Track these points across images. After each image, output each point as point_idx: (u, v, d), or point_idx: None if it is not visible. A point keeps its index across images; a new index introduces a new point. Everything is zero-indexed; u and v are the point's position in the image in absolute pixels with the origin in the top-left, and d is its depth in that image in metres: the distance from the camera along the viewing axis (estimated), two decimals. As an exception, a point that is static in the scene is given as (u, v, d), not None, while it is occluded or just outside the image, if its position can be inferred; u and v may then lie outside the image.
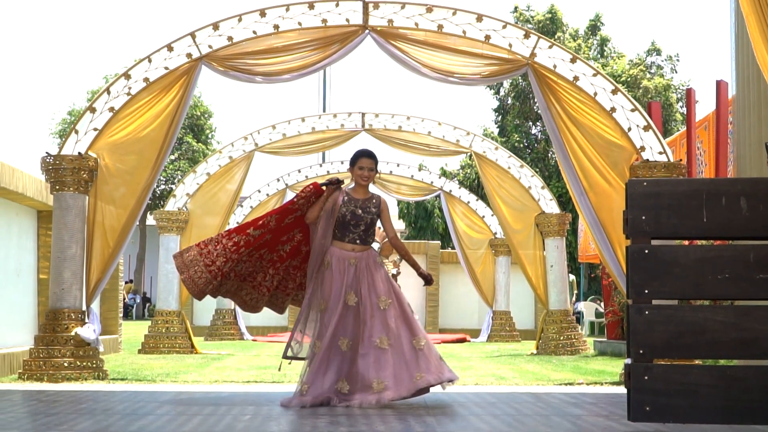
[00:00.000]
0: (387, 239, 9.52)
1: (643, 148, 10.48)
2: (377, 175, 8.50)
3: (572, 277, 25.18)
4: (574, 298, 26.49)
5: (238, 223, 21.19)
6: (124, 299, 39.95)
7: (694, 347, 5.75)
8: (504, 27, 10.93)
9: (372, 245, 8.23)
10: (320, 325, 7.85)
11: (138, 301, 45.89)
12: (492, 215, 21.46)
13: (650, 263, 5.76)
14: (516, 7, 43.31)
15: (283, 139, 17.62)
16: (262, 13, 10.93)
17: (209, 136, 48.78)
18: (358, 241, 8.06)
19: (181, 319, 16.55)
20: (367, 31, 10.93)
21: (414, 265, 8.30)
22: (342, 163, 21.10)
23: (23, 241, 12.48)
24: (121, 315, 16.90)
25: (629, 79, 40.22)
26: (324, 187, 8.16)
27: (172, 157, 45.41)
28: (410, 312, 8.00)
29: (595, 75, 10.78)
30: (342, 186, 8.22)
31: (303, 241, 8.34)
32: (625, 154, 10.56)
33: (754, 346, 5.67)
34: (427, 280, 8.29)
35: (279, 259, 8.38)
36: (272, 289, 8.51)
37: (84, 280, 10.75)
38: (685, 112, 33.18)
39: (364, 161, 8.15)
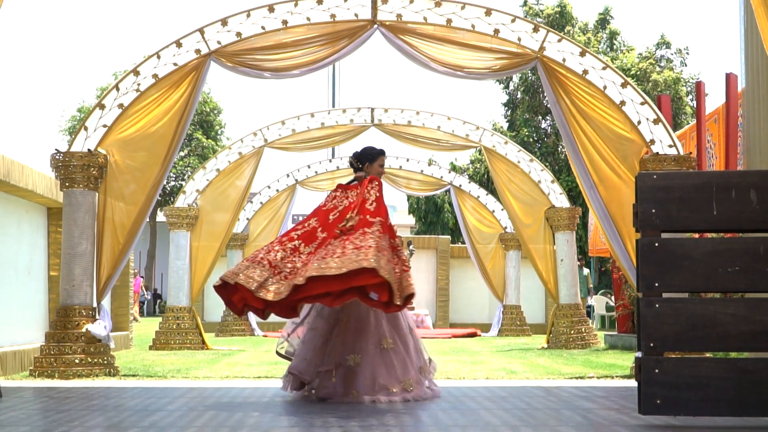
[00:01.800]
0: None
1: (652, 142, 10.46)
2: None
3: (586, 270, 25.10)
4: (590, 292, 26.36)
5: (248, 219, 21.28)
6: (144, 294, 39.98)
7: (705, 340, 5.75)
8: (513, 21, 10.91)
9: None
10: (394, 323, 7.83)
11: (149, 297, 45.98)
12: (502, 209, 21.45)
13: (660, 256, 5.76)
14: (525, 1, 43.21)
15: (292, 134, 17.62)
16: (271, 9, 10.93)
17: (219, 132, 48.84)
18: None
19: (191, 315, 16.58)
20: (375, 25, 10.92)
21: None
22: (352, 158, 21.07)
23: (33, 239, 12.50)
24: (133, 311, 16.93)
25: (639, 72, 40.12)
26: None
27: (182, 154, 45.52)
28: None
29: (604, 68, 10.76)
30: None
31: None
32: (635, 147, 10.53)
33: (764, 338, 5.67)
34: None
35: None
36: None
37: (94, 276, 10.76)
38: (694, 105, 33.10)
39: (383, 159, 8.37)
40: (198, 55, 11.00)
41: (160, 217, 45.52)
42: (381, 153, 8.33)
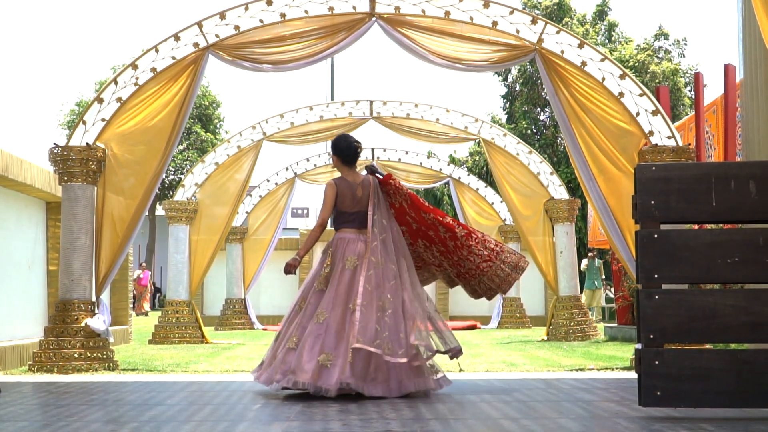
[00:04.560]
0: None
1: (651, 133, 10.46)
2: (337, 160, 8.20)
3: (599, 261, 25.04)
4: (603, 283, 26.25)
5: (247, 212, 21.28)
6: (158, 288, 39.86)
7: (705, 331, 5.75)
8: (511, 13, 10.90)
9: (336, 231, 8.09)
10: None
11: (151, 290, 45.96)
12: (501, 202, 21.46)
13: (660, 248, 5.76)
14: (523, -7, 43.19)
15: (291, 128, 17.62)
16: (269, 2, 10.92)
17: (217, 125, 48.84)
18: None
19: (191, 309, 16.58)
20: (374, 18, 10.91)
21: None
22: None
23: (32, 233, 12.49)
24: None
25: (637, 64, 40.06)
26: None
27: (181, 147, 45.50)
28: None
29: (602, 60, 10.75)
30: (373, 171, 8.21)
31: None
32: (634, 139, 10.53)
33: (764, 329, 5.67)
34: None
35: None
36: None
37: (93, 271, 10.76)
38: (693, 97, 33.05)
39: None
40: (196, 48, 11.00)
41: (159, 210, 45.53)
42: None
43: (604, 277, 26.00)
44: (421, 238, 8.21)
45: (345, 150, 8.11)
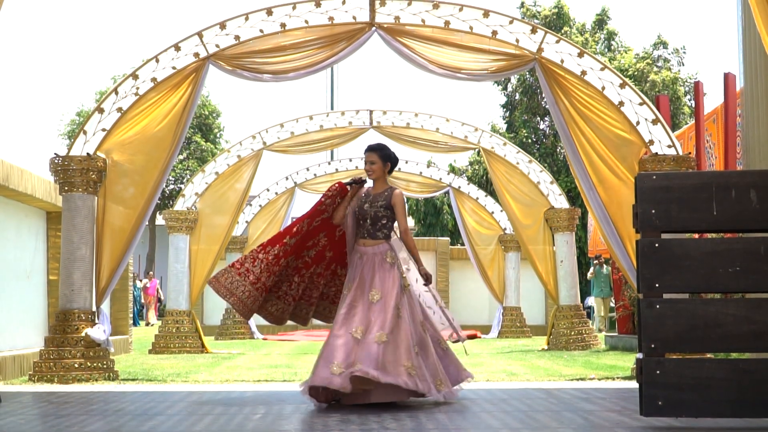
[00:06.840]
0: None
1: (651, 142, 10.46)
2: (385, 167, 8.09)
3: (607, 268, 24.94)
4: (612, 290, 26.10)
5: (247, 222, 21.25)
6: (159, 298, 39.78)
7: (706, 341, 5.74)
8: (511, 22, 10.91)
9: (388, 239, 8.01)
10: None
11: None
12: (501, 211, 21.44)
13: (660, 257, 5.76)
14: (522, 3, 43.15)
15: (291, 137, 17.61)
16: (269, 12, 10.92)
17: (218, 135, 48.82)
18: (366, 236, 7.91)
19: (191, 318, 16.56)
20: (373, 28, 10.92)
21: (417, 262, 8.18)
22: (350, 160, 21.15)
23: (33, 243, 12.48)
24: (131, 316, 16.91)
25: (636, 72, 40.08)
26: (349, 186, 8.12)
27: (181, 157, 45.50)
28: (406, 311, 7.67)
29: (602, 69, 10.75)
30: (365, 183, 8.18)
31: (327, 245, 8.26)
32: (634, 148, 10.53)
33: (766, 338, 5.66)
34: (426, 278, 8.17)
35: (304, 265, 8.27)
36: (297, 299, 8.42)
37: (94, 280, 10.75)
38: (693, 105, 33.04)
39: (366, 155, 8.16)
40: (197, 58, 11.00)
41: (159, 220, 45.47)
42: (365, 150, 8.25)
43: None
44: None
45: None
